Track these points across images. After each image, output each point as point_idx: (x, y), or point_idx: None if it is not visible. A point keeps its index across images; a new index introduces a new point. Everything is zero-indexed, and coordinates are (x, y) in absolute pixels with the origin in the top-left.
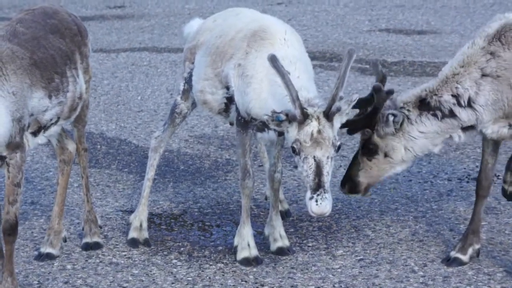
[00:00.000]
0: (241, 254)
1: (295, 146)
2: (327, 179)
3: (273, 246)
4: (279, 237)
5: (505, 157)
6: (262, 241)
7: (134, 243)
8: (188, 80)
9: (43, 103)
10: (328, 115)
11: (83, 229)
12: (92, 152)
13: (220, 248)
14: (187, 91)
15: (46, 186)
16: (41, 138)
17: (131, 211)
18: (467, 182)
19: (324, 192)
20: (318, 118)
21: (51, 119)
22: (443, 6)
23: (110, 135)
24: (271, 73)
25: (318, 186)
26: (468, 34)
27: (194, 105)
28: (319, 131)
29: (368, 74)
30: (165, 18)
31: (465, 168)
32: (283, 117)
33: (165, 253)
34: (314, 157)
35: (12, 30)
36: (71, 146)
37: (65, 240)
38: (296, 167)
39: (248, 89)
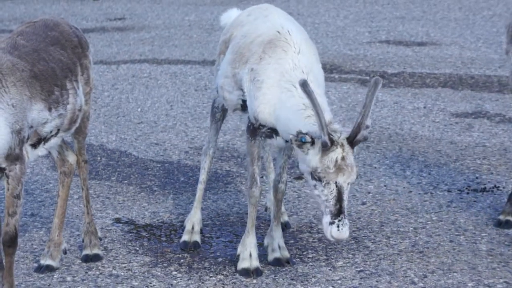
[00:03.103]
0: (242, 264)
1: (317, 172)
2: (346, 204)
3: (271, 257)
4: (278, 248)
5: (504, 168)
6: (262, 252)
7: (184, 246)
8: None
9: (42, 115)
10: (353, 142)
11: (83, 241)
12: (92, 163)
13: (220, 259)
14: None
15: (46, 198)
16: (41, 150)
17: (131, 223)
18: (467, 193)
19: (345, 218)
20: (342, 145)
21: (51, 131)
22: (442, 17)
23: (110, 147)
24: (284, 80)
25: (339, 212)
26: (468, 46)
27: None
28: (343, 158)
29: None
30: (165, 30)
31: (465, 179)
32: (308, 139)
33: (165, 264)
34: (336, 183)
35: (13, 43)
36: (72, 158)
37: (65, 252)
38: (313, 187)
39: (257, 94)
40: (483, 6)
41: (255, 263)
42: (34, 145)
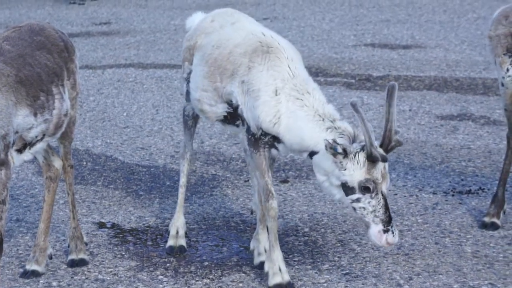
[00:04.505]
0: (273, 280)
1: (368, 185)
2: None
3: (257, 260)
4: (264, 251)
5: (489, 170)
6: (249, 256)
7: (170, 250)
8: (189, 82)
9: (28, 120)
10: (388, 149)
11: (68, 246)
12: (78, 168)
13: (206, 263)
14: (189, 92)
15: (32, 203)
16: (27, 155)
17: (117, 227)
18: (452, 195)
19: (394, 223)
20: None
21: (36, 136)
22: (427, 20)
23: (96, 152)
24: (289, 88)
25: (390, 219)
26: (453, 48)
27: None
28: (384, 167)
29: (354, 89)
30: (151, 34)
31: (450, 182)
32: (339, 149)
33: (151, 269)
34: (381, 192)
35: None
36: (58, 163)
37: (50, 257)
38: (354, 201)
39: (256, 103)
40: (468, 9)
41: (286, 277)
42: (20, 150)
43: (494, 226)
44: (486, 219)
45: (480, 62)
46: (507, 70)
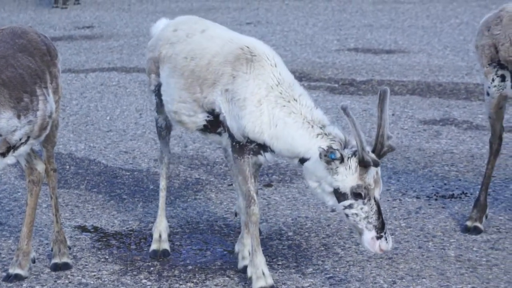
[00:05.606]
0: (257, 284)
1: (360, 191)
2: None
3: (241, 264)
4: (248, 255)
5: (472, 175)
6: (232, 259)
7: (154, 255)
8: (157, 94)
9: (12, 123)
10: (380, 154)
11: (52, 250)
12: (61, 172)
13: (190, 267)
14: (159, 104)
15: (15, 207)
16: (10, 158)
17: (100, 231)
18: (435, 199)
19: (388, 229)
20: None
21: (20, 139)
22: (410, 25)
23: (79, 155)
24: (274, 95)
25: (383, 225)
26: (436, 53)
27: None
28: (377, 172)
29: (337, 93)
30: (134, 38)
31: (433, 186)
32: (337, 155)
33: (134, 273)
34: (374, 197)
35: None
36: (40, 167)
37: (33, 261)
38: (346, 208)
39: (242, 113)
40: (451, 15)
41: (270, 281)
42: (3, 154)
43: (476, 231)
44: (469, 223)
45: (463, 67)
46: (493, 80)
